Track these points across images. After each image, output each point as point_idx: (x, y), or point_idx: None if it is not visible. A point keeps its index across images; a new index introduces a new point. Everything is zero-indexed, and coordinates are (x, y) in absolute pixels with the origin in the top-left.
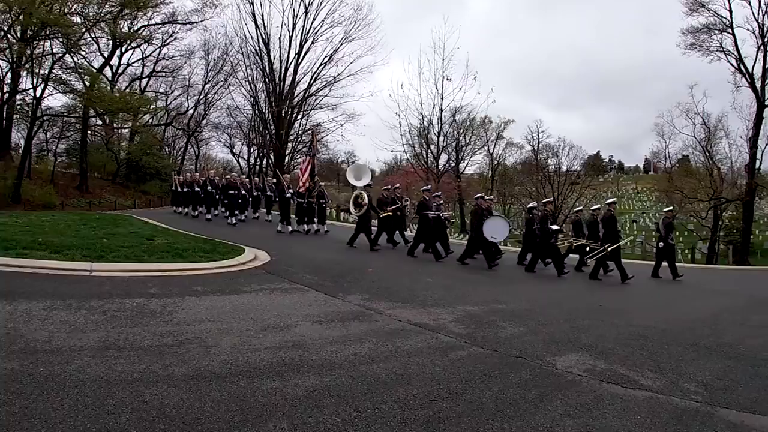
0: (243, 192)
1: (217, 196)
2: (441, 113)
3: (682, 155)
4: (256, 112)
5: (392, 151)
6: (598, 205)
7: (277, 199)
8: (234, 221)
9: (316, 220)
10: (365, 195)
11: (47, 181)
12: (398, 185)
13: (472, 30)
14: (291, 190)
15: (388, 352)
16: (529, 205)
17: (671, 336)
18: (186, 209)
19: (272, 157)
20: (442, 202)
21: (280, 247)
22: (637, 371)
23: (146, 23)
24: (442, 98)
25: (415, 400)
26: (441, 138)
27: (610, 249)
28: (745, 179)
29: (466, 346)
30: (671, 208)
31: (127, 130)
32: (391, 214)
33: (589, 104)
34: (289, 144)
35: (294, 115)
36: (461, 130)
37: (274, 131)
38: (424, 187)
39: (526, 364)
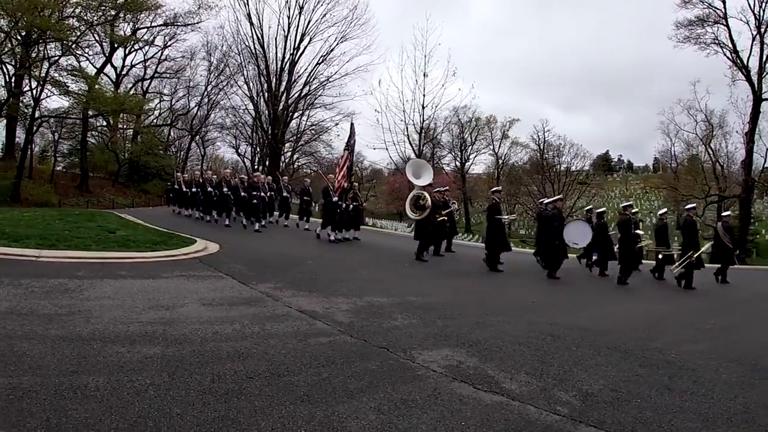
0: (262, 194)
1: (232, 199)
2: (423, 110)
3: (691, 154)
4: (254, 111)
5: (374, 148)
6: (665, 209)
7: (277, 199)
8: (257, 227)
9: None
10: (428, 196)
11: (48, 180)
12: (447, 187)
13: (476, 30)
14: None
15: (249, 334)
16: (600, 210)
17: (591, 337)
18: (192, 211)
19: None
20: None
21: (247, 244)
22: (509, 373)
23: (143, 26)
24: (424, 95)
25: (234, 375)
26: (422, 134)
27: (695, 256)
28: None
29: (335, 333)
30: (729, 213)
31: (131, 131)
32: (446, 219)
33: (597, 103)
34: (288, 143)
35: (290, 114)
36: (464, 129)
37: (269, 131)
38: (494, 188)
39: (384, 355)
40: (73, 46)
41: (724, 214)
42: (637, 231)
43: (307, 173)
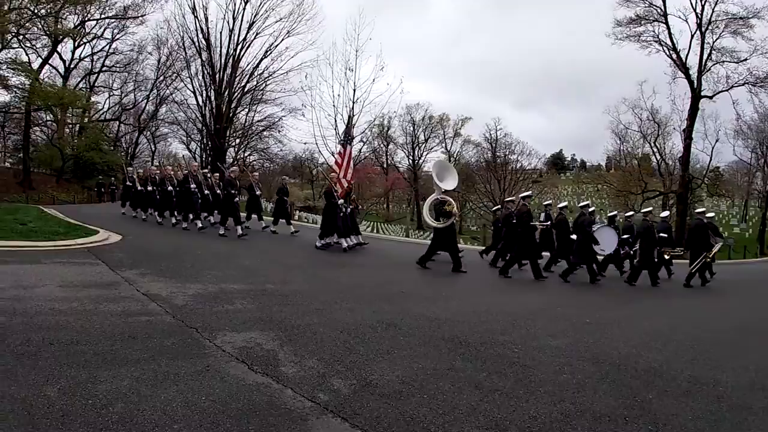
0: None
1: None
2: (353, 105)
3: (633, 153)
4: (197, 106)
5: (305, 143)
6: (667, 213)
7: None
8: (240, 230)
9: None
10: (453, 202)
11: None
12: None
13: (435, 29)
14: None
15: (80, 311)
16: (630, 216)
17: (433, 327)
18: (146, 213)
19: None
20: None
21: (155, 237)
22: (300, 358)
23: (88, 18)
24: (354, 90)
25: (40, 341)
26: (349, 129)
27: (710, 255)
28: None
29: (159, 314)
30: (713, 214)
31: (78, 126)
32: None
33: (553, 102)
34: (237, 139)
35: (233, 109)
36: (417, 127)
37: (212, 125)
38: (523, 194)
39: (189, 334)
40: (20, 38)
41: (699, 211)
42: (662, 235)
43: (257, 169)
